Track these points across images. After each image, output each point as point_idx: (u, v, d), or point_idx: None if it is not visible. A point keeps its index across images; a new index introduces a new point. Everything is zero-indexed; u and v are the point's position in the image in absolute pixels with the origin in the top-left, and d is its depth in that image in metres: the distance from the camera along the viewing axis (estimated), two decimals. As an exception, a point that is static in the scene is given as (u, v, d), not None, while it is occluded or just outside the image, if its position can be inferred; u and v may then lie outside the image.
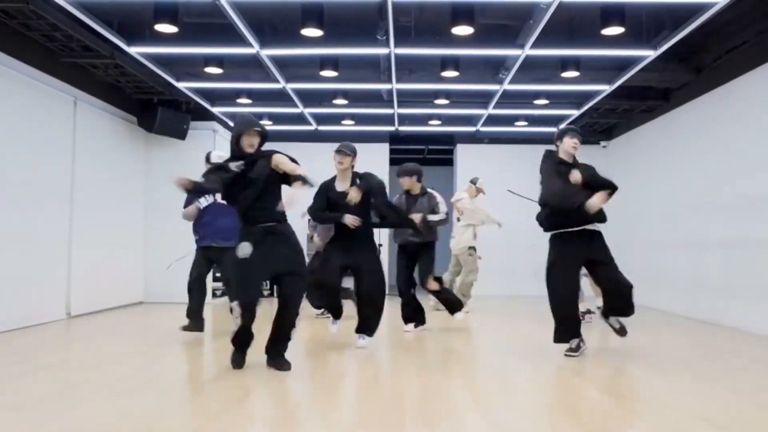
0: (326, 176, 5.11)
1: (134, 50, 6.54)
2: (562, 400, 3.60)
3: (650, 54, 6.46)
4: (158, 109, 8.62)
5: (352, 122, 10.12)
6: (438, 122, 10.43)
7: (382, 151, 11.13)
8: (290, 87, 7.98)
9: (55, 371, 4.22)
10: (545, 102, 8.83)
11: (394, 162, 12.04)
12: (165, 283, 9.09)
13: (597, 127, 10.61)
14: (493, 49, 6.77)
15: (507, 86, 7.77)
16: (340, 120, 10.06)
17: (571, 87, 8.04)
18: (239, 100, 8.73)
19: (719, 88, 7.25)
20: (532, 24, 5.83)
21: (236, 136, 4.10)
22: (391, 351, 5.24)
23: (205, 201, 5.82)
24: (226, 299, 9.59)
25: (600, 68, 7.42)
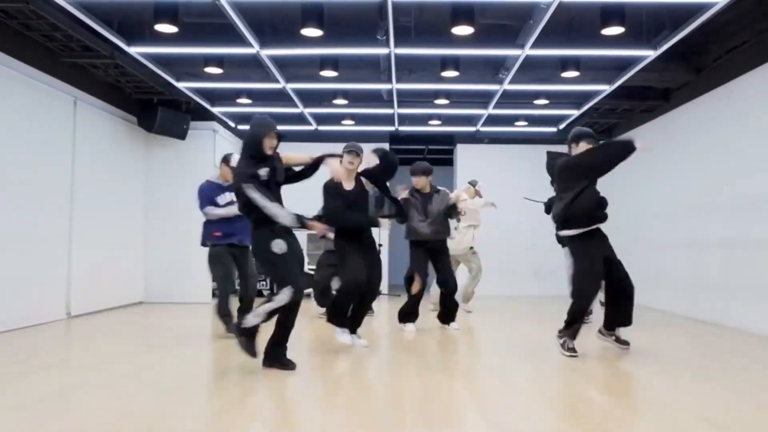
0: (326, 176, 5.10)
1: (134, 50, 6.54)
2: (562, 400, 3.60)
3: (650, 54, 6.46)
4: (158, 109, 8.61)
5: (352, 122, 10.12)
6: (438, 122, 10.43)
7: (382, 151, 11.12)
8: (290, 87, 7.98)
9: (55, 371, 4.22)
10: (545, 102, 8.83)
11: (394, 162, 12.06)
12: (165, 283, 9.12)
13: (597, 127, 10.59)
14: (493, 49, 6.76)
15: (507, 86, 7.76)
16: (340, 120, 10.06)
17: (571, 87, 8.04)
18: (239, 100, 8.74)
19: (719, 88, 7.25)
20: (532, 24, 5.83)
21: (258, 139, 4.20)
22: (391, 351, 5.24)
23: (223, 201, 5.93)
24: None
25: (600, 68, 7.42)
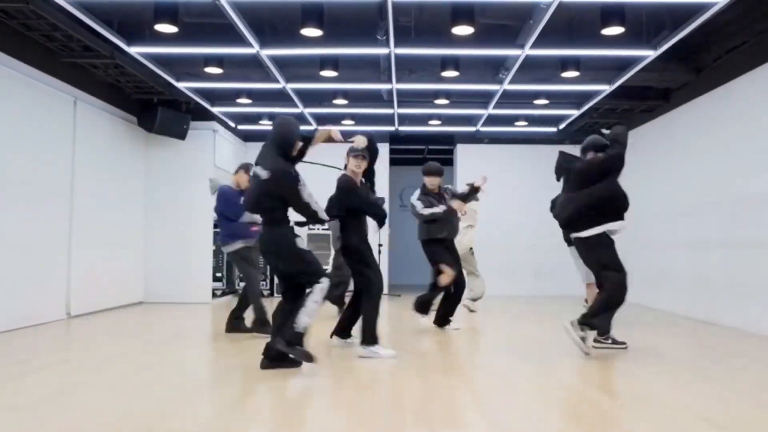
0: (325, 176, 5.11)
1: (134, 50, 6.54)
2: (562, 400, 3.60)
3: (650, 54, 6.46)
4: (158, 109, 8.62)
5: (352, 122, 10.12)
6: (438, 122, 10.43)
7: (382, 151, 11.05)
8: (290, 87, 7.98)
9: (55, 371, 4.22)
10: (545, 102, 8.83)
11: (394, 162, 12.05)
12: (165, 283, 9.12)
13: (597, 127, 10.57)
14: (493, 49, 6.76)
15: (507, 86, 7.76)
16: (340, 120, 10.06)
17: (571, 87, 8.04)
18: (239, 100, 8.74)
19: (719, 88, 7.25)
20: (532, 24, 5.82)
21: (292, 141, 4.33)
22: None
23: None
24: (228, 299, 9.65)
25: (600, 68, 7.41)
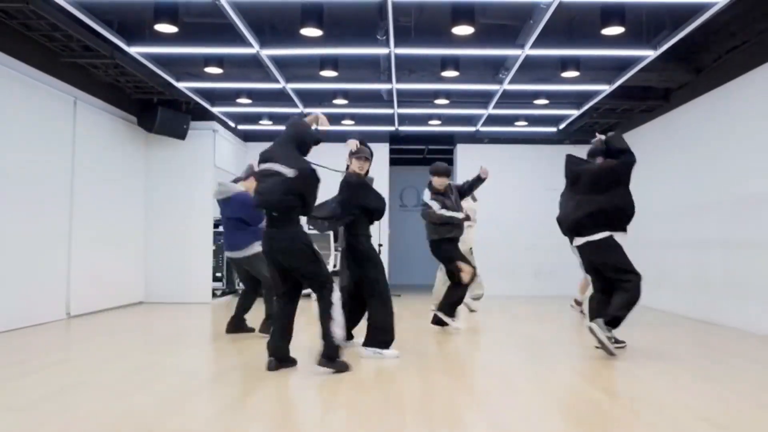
0: (324, 177, 5.09)
1: (134, 50, 6.54)
2: (562, 400, 3.60)
3: (650, 54, 6.46)
4: (158, 109, 8.62)
5: (352, 122, 10.12)
6: (438, 122, 10.43)
7: (382, 151, 11.13)
8: (290, 87, 7.99)
9: (55, 371, 4.22)
10: (545, 102, 8.83)
11: (394, 162, 12.06)
12: (165, 283, 9.13)
13: (597, 127, 10.58)
14: (493, 49, 6.76)
15: (507, 86, 7.77)
16: (340, 120, 10.06)
17: (571, 87, 8.04)
18: (239, 100, 8.74)
19: (719, 88, 7.25)
20: (532, 24, 5.82)
21: (311, 142, 4.37)
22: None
23: None
24: (228, 299, 9.65)
25: (600, 68, 7.42)
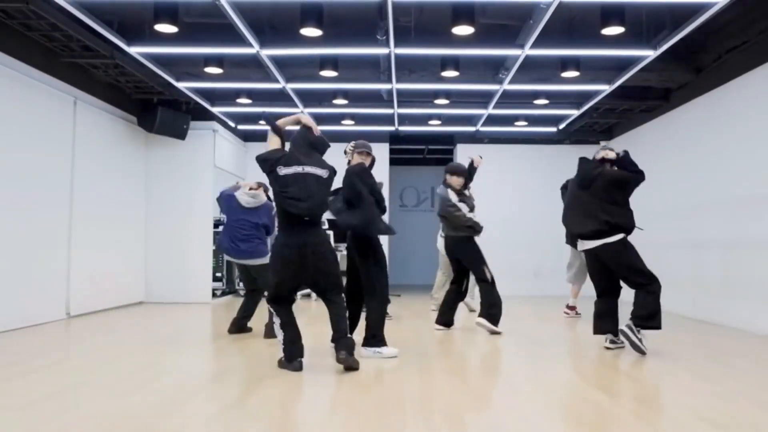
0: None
1: (134, 50, 6.54)
2: (562, 400, 3.60)
3: (650, 54, 6.46)
4: (158, 109, 8.62)
5: (352, 122, 10.12)
6: (438, 122, 10.43)
7: (382, 151, 11.13)
8: (290, 87, 7.99)
9: (55, 371, 4.22)
10: (545, 102, 8.83)
11: (394, 162, 12.07)
12: (165, 283, 9.12)
13: (597, 127, 10.61)
14: (493, 49, 6.76)
15: (507, 86, 7.76)
16: (340, 120, 10.06)
17: (571, 87, 8.04)
18: (239, 100, 8.74)
19: (719, 88, 7.25)
20: (532, 24, 5.82)
21: (327, 145, 4.51)
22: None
23: None
24: (228, 299, 9.65)
25: (600, 68, 7.41)
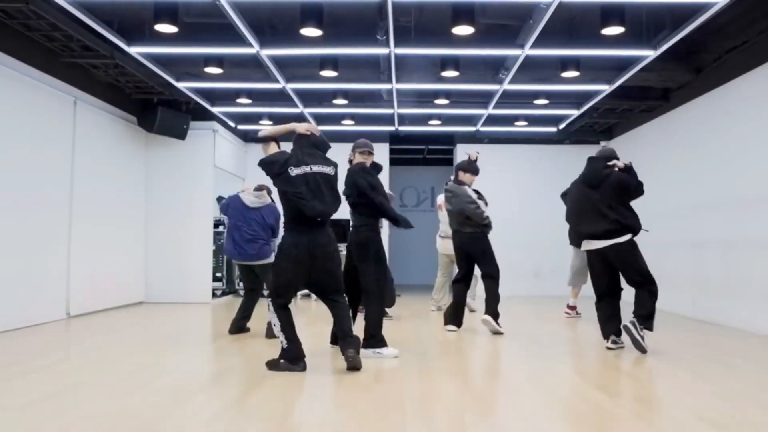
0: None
1: (134, 50, 6.54)
2: (562, 400, 3.60)
3: (650, 54, 6.46)
4: (158, 109, 8.62)
5: (352, 122, 10.12)
6: (438, 122, 10.43)
7: (382, 151, 11.13)
8: (290, 87, 7.98)
9: (55, 371, 4.22)
10: (545, 102, 8.82)
11: (394, 162, 12.06)
12: (165, 283, 9.13)
13: (597, 127, 10.61)
14: (493, 49, 6.75)
15: (507, 86, 7.76)
16: (340, 120, 10.06)
17: (571, 87, 8.04)
18: (239, 100, 8.74)
19: (719, 88, 7.25)
20: (532, 24, 5.82)
21: (328, 146, 4.53)
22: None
23: None
24: (228, 299, 9.65)
25: (600, 68, 7.41)
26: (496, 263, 6.16)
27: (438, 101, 8.72)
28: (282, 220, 4.57)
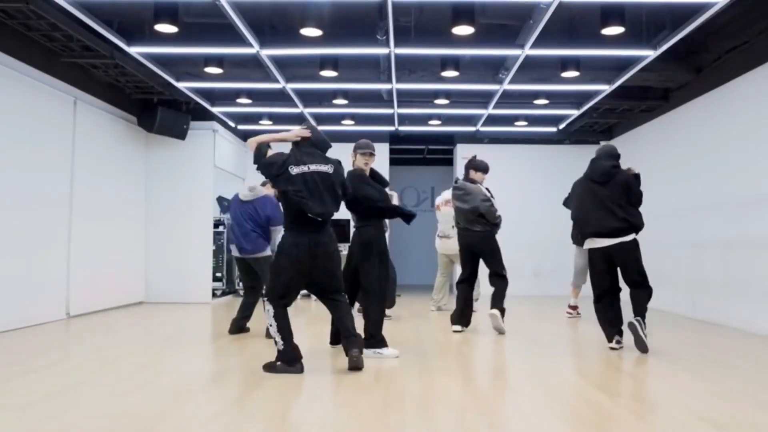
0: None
1: (134, 50, 6.54)
2: (563, 400, 3.60)
3: (650, 54, 6.46)
4: (158, 109, 8.62)
5: (352, 122, 10.12)
6: (438, 122, 10.43)
7: (382, 151, 11.12)
8: (290, 87, 7.98)
9: (55, 371, 4.22)
10: (545, 102, 8.83)
11: (394, 162, 12.06)
12: (165, 283, 9.12)
13: (597, 127, 10.61)
14: (493, 49, 6.76)
15: (507, 86, 7.76)
16: (340, 120, 10.07)
17: (571, 87, 8.04)
18: (239, 100, 8.74)
19: (719, 88, 7.25)
20: (532, 24, 5.82)
21: (329, 145, 4.49)
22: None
23: None
24: (228, 299, 9.66)
25: (600, 68, 7.41)
26: (503, 262, 6.18)
27: (438, 101, 8.72)
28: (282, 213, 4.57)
